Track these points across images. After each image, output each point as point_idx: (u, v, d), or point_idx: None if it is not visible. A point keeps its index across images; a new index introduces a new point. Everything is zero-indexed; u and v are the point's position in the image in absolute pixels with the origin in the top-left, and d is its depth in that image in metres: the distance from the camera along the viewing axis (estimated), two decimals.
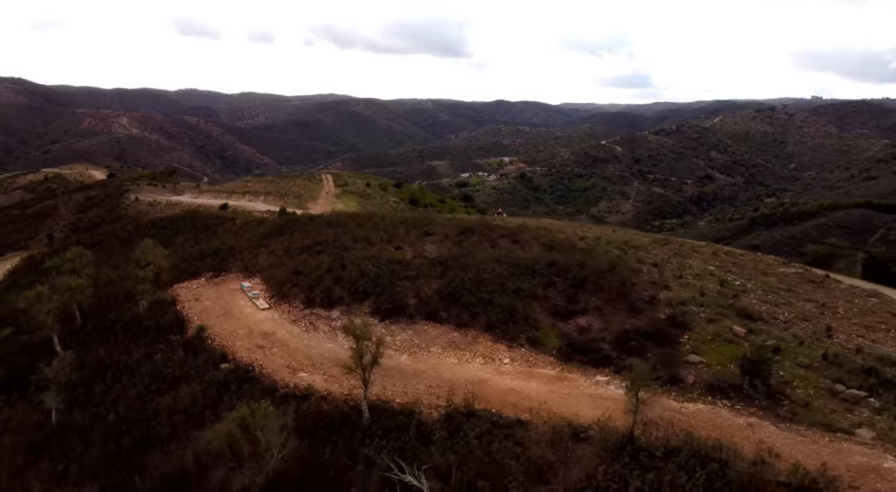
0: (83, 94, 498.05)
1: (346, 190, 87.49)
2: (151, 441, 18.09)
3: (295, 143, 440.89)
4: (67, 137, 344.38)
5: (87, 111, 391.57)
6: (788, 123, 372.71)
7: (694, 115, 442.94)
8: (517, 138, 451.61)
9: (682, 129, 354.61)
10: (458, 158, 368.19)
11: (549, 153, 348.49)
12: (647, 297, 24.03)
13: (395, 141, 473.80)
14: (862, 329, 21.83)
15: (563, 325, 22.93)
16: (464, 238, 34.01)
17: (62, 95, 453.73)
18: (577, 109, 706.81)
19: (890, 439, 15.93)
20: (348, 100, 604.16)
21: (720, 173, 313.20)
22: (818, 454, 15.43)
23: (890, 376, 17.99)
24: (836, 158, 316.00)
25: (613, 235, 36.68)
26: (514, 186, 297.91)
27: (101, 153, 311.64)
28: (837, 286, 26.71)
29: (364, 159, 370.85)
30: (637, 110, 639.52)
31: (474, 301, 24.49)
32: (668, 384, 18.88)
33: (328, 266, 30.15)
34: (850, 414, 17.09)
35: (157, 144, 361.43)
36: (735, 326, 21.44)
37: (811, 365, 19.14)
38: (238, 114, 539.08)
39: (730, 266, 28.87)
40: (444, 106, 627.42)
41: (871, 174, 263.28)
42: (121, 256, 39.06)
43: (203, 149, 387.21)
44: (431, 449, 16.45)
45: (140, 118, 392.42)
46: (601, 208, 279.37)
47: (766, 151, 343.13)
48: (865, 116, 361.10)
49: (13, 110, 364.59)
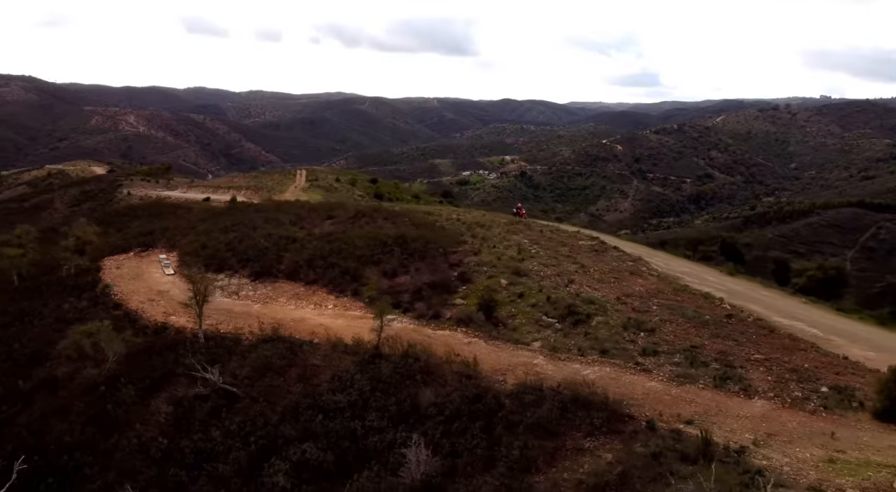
0: (93, 93, 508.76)
1: (315, 184, 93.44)
2: (40, 359, 24.23)
3: (300, 141, 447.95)
4: (75, 135, 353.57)
5: (96, 109, 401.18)
6: (791, 122, 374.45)
7: (700, 114, 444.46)
8: (521, 137, 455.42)
9: (684, 128, 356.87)
10: (460, 156, 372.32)
11: (551, 152, 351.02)
12: (456, 261, 30.07)
13: (400, 139, 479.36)
14: (594, 281, 27.60)
15: (387, 282, 28.88)
16: (355, 219, 40.00)
17: (72, 93, 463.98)
18: (583, 108, 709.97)
19: (548, 346, 22.14)
20: (355, 98, 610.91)
21: (720, 172, 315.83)
22: (499, 357, 21.62)
23: (580, 311, 23.94)
24: (837, 157, 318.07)
25: (483, 218, 42.69)
26: (514, 185, 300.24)
27: (108, 150, 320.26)
28: (611, 254, 32.58)
29: (367, 157, 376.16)
30: (643, 109, 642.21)
31: (323, 264, 30.57)
32: (433, 318, 25.04)
33: (228, 241, 36.33)
34: (538, 334, 23.04)
35: (164, 142, 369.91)
36: (502, 280, 27.40)
37: (537, 304, 25.09)
38: (245, 112, 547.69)
39: (542, 240, 34.75)
40: (451, 104, 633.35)
41: (868, 174, 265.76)
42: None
43: (209, 146, 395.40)
44: (234, 359, 22.47)
45: (147, 116, 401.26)
46: (599, 207, 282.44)
47: (767, 150, 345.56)
48: (869, 116, 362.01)
49: (23, 108, 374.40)
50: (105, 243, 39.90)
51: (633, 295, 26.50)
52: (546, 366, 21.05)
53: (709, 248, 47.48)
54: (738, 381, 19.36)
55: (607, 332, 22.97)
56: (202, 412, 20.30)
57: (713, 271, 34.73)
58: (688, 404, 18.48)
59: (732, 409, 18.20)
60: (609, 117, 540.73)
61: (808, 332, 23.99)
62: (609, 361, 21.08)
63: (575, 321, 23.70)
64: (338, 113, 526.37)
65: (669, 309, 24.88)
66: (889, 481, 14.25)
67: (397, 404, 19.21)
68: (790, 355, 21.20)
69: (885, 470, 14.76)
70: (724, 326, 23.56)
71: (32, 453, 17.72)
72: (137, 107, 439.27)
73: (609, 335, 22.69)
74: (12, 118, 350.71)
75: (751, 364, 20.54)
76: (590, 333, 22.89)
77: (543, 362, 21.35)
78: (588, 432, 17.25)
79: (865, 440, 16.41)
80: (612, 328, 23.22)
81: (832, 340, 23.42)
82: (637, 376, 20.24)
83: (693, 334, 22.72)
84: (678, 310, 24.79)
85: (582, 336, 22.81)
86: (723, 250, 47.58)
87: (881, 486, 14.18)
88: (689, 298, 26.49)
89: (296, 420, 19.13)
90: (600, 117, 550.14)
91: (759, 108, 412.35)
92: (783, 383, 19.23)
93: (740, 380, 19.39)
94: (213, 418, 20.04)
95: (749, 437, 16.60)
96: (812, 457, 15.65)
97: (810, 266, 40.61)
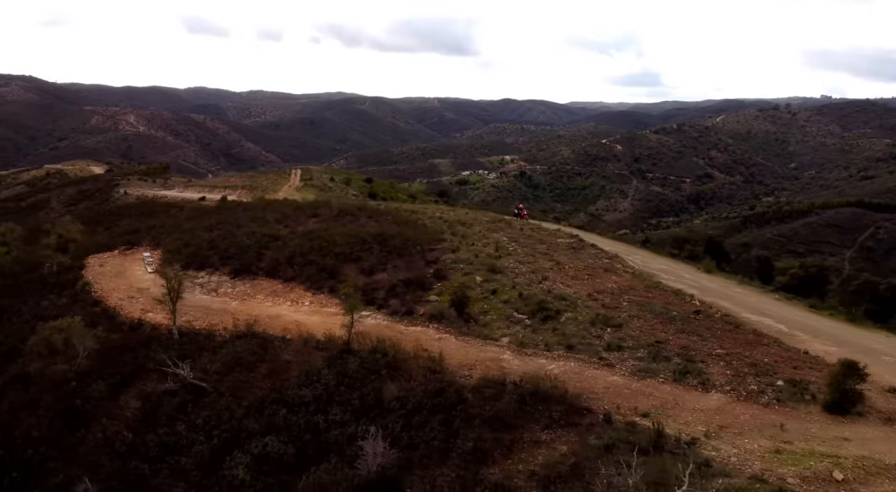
0: (93, 92, 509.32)
1: (309, 184, 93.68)
2: (13, 355, 24.52)
3: (300, 141, 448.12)
4: (75, 134, 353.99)
5: (96, 109, 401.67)
6: (791, 122, 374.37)
7: (700, 114, 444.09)
8: (521, 137, 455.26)
9: (684, 128, 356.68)
10: (460, 156, 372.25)
11: (551, 152, 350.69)
12: (434, 258, 30.32)
13: (400, 139, 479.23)
14: (567, 278, 27.81)
15: (364, 279, 29.14)
16: (339, 218, 40.26)
17: (72, 93, 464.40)
18: (584, 108, 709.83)
19: (516, 342, 22.42)
20: (355, 98, 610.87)
21: (720, 172, 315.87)
22: (468, 352, 21.88)
23: (551, 307, 24.15)
24: (837, 157, 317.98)
25: (466, 215, 42.96)
26: (513, 185, 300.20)
27: (109, 150, 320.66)
28: (588, 252, 32.80)
29: (367, 157, 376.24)
30: (644, 109, 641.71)
31: (302, 262, 30.83)
32: (406, 315, 25.30)
33: (211, 239, 36.60)
34: (508, 330, 23.30)
35: (164, 142, 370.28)
36: (477, 277, 27.65)
37: (509, 300, 25.32)
38: (245, 112, 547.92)
39: (521, 238, 35.01)
40: (451, 104, 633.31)
41: (868, 174, 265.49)
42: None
43: (209, 146, 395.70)
44: (205, 355, 22.73)
45: (147, 116, 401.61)
46: (599, 207, 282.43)
47: (767, 150, 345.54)
48: (869, 116, 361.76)
49: (23, 108, 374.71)
50: (91, 242, 40.22)
51: (604, 292, 26.75)
52: (512, 361, 21.32)
53: (695, 247, 47.43)
54: (697, 375, 19.61)
55: (575, 328, 23.22)
56: (170, 407, 20.58)
57: (690, 269, 34.93)
58: (646, 398, 18.73)
59: (689, 402, 18.47)
60: (609, 117, 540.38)
61: (774, 328, 24.21)
62: (574, 357, 21.34)
63: (544, 317, 23.95)
64: (338, 113, 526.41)
65: (639, 305, 25.12)
66: (829, 471, 14.51)
67: (361, 398, 19.48)
68: (752, 350, 21.45)
69: (827, 460, 15.02)
70: (691, 322, 23.81)
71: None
72: (138, 107, 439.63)
73: (577, 331, 22.94)
74: (12, 118, 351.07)
75: (712, 359, 20.80)
76: (558, 329, 23.15)
77: (510, 357, 21.61)
78: (546, 424, 17.49)
79: (813, 432, 16.68)
80: (581, 324, 23.47)
81: (797, 335, 23.64)
82: (600, 370, 20.50)
83: (659, 330, 22.97)
84: (647, 306, 25.03)
85: (550, 332, 23.06)
86: (707, 249, 47.69)
87: (821, 475, 14.43)
88: (660, 295, 26.73)
89: (260, 414, 19.41)
90: (600, 117, 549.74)
91: (759, 107, 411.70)
92: (741, 377, 19.47)
93: (699, 374, 19.65)
94: (180, 412, 20.33)
95: (702, 429, 16.87)
96: (759, 448, 15.91)
97: (793, 264, 40.74)
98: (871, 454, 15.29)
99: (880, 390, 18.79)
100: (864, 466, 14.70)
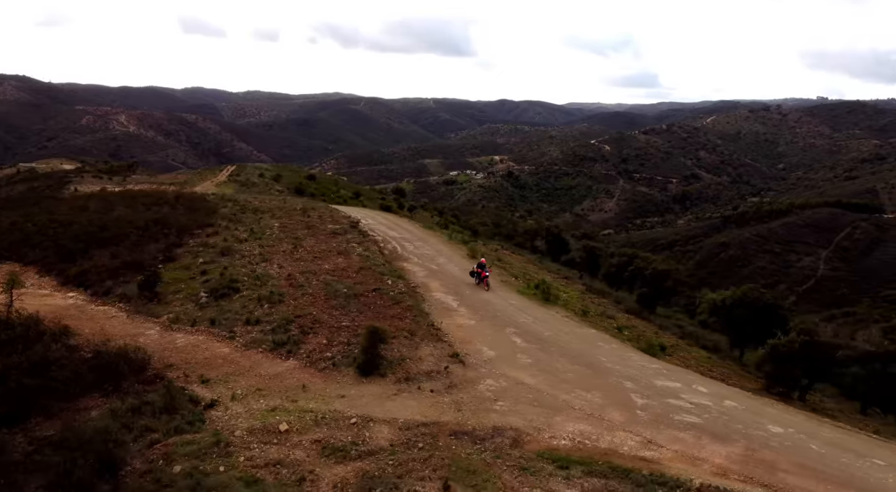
0: (89, 92, 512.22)
1: (234, 179, 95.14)
2: None
3: (292, 141, 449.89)
4: (65, 134, 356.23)
5: (87, 108, 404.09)
6: (781, 123, 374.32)
7: (694, 115, 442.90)
8: (514, 137, 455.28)
9: (673, 128, 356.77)
10: (451, 156, 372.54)
11: (540, 152, 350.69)
12: (185, 242, 31.53)
13: (394, 140, 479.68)
14: (292, 260, 29.05)
15: (109, 261, 30.05)
16: (154, 205, 41.49)
17: (66, 93, 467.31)
18: (581, 109, 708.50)
19: (173, 319, 23.54)
20: (350, 98, 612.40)
21: (707, 173, 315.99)
22: (123, 328, 22.80)
23: (237, 286, 25.45)
24: (825, 157, 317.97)
25: (271, 203, 44.35)
26: (500, 185, 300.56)
27: (97, 149, 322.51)
28: (346, 237, 33.81)
29: (358, 157, 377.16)
30: (639, 110, 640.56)
31: (51, 246, 31.87)
32: (104, 295, 26.23)
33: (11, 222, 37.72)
34: (180, 307, 24.38)
35: (153, 141, 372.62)
36: (201, 259, 28.93)
37: (209, 280, 26.40)
38: (240, 112, 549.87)
39: (291, 224, 36.38)
40: (447, 105, 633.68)
41: (852, 174, 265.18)
42: None
43: (199, 146, 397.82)
44: None
45: (138, 116, 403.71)
46: (585, 207, 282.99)
47: (756, 150, 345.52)
48: (859, 117, 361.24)
49: (14, 107, 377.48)
50: None
51: (312, 272, 27.62)
52: (153, 335, 22.12)
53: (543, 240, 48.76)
54: (293, 344, 20.55)
55: (240, 304, 24.18)
56: None
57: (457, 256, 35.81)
58: (229, 365, 19.65)
59: (263, 368, 19.40)
60: (604, 118, 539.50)
61: (443, 303, 25.24)
62: (209, 331, 22.26)
63: (220, 295, 24.93)
64: (332, 113, 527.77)
65: (325, 284, 25.99)
66: (278, 423, 15.52)
67: None
68: (383, 323, 22.14)
69: (293, 415, 16.03)
70: (358, 299, 24.62)
71: None
72: (133, 107, 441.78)
73: (239, 308, 23.87)
74: (3, 118, 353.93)
75: (329, 331, 21.63)
76: (222, 306, 24.11)
77: (154, 333, 22.40)
78: (107, 392, 18.26)
79: (327, 391, 17.64)
80: (248, 300, 24.41)
81: (458, 311, 24.63)
82: (220, 343, 21.43)
83: (314, 306, 23.77)
84: (333, 285, 25.89)
85: (214, 309, 24.01)
86: (548, 242, 48.73)
87: (270, 427, 15.47)
88: (360, 277, 27.34)
89: None
90: (596, 118, 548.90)
91: (750, 108, 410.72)
92: (330, 347, 20.38)
93: (296, 344, 20.59)
94: None
95: (240, 392, 17.82)
96: (264, 406, 16.92)
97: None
98: (336, 408, 16.31)
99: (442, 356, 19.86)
100: (309, 419, 15.68)
